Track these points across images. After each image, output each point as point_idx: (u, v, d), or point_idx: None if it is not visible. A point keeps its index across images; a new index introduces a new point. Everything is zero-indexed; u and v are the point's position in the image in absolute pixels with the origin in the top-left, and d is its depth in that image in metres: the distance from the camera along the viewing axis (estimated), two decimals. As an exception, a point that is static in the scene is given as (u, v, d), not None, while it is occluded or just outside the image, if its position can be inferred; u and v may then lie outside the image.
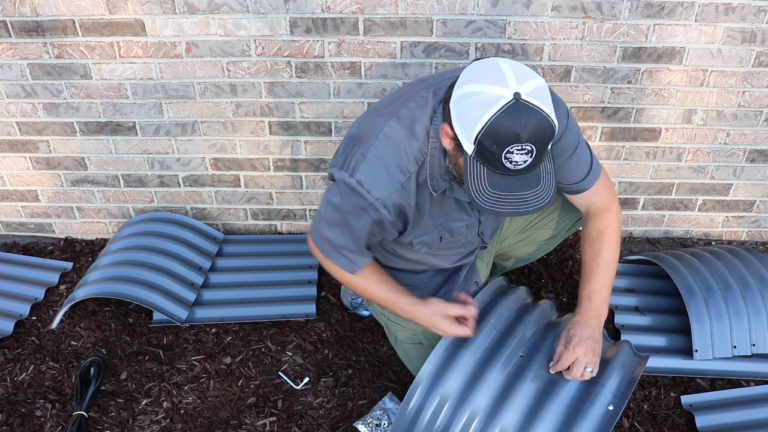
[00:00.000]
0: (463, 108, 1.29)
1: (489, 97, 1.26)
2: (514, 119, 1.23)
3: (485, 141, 1.26)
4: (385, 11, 2.08)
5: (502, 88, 1.25)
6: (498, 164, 1.29)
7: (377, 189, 1.48)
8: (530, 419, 1.56)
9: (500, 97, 1.25)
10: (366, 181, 1.48)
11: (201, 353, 2.16)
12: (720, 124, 2.33)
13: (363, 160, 1.48)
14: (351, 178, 1.48)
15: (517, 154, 1.27)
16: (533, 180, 1.33)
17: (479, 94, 1.27)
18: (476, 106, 1.26)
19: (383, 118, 1.51)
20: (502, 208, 1.33)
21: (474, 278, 1.94)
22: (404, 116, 1.49)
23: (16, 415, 1.97)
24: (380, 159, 1.47)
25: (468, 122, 1.28)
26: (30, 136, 2.40)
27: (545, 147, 1.30)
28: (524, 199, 1.33)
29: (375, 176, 1.47)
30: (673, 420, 1.96)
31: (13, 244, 2.64)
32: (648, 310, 2.25)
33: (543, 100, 1.27)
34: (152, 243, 2.41)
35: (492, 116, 1.24)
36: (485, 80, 1.28)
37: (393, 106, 1.53)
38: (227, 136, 2.39)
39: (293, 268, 2.47)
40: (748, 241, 2.65)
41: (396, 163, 1.47)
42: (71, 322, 2.27)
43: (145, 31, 2.14)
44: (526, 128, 1.24)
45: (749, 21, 2.08)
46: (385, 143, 1.48)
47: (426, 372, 1.67)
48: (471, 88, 1.29)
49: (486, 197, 1.33)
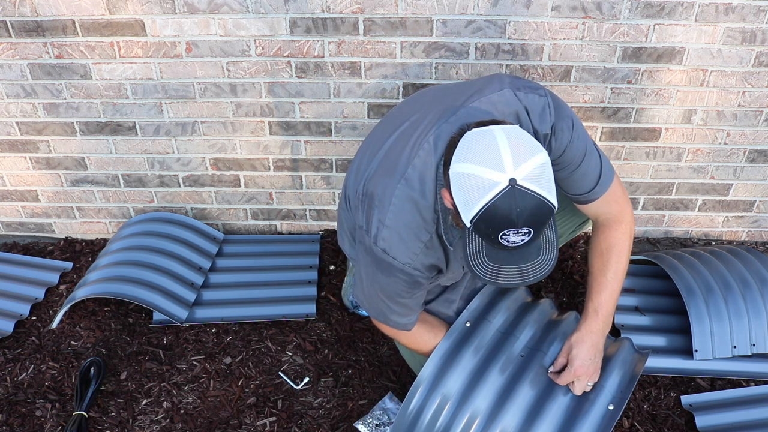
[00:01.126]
0: (460, 188, 1.28)
1: (483, 182, 1.23)
2: (509, 206, 1.22)
3: (481, 224, 1.25)
4: (385, 11, 2.08)
5: (498, 173, 1.23)
6: (495, 242, 1.28)
7: (402, 256, 1.48)
8: (531, 419, 1.56)
9: (496, 183, 1.22)
10: (390, 250, 1.47)
11: (201, 353, 2.16)
12: (720, 124, 2.33)
13: (383, 228, 1.47)
14: (377, 247, 1.48)
15: (513, 236, 1.25)
16: (532, 253, 1.32)
17: (475, 178, 1.25)
18: (472, 190, 1.25)
19: (392, 180, 1.48)
20: (500, 281, 1.33)
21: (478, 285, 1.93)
22: (411, 177, 1.46)
23: (16, 415, 1.97)
24: (397, 228, 1.46)
25: (465, 203, 1.27)
26: (30, 136, 2.40)
27: (543, 226, 1.28)
28: (523, 271, 1.32)
29: (397, 244, 1.47)
30: (673, 420, 1.96)
31: (13, 244, 2.64)
32: (648, 310, 2.25)
33: (540, 182, 1.24)
34: (152, 243, 2.41)
35: (487, 203, 1.23)
36: (481, 162, 1.25)
37: (399, 161, 1.49)
38: (227, 136, 2.39)
39: (293, 268, 2.47)
40: (748, 241, 2.65)
41: (414, 230, 1.47)
42: (71, 322, 2.27)
43: (145, 31, 2.14)
44: (522, 215, 1.22)
45: (749, 21, 2.08)
46: (399, 209, 1.46)
47: (427, 372, 1.67)
48: (468, 168, 1.27)
49: (484, 269, 1.33)
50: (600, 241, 1.69)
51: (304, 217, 2.62)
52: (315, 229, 2.66)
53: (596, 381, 1.61)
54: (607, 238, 1.67)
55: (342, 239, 1.89)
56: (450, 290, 1.88)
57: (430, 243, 1.49)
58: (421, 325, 1.72)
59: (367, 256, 1.53)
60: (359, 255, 1.59)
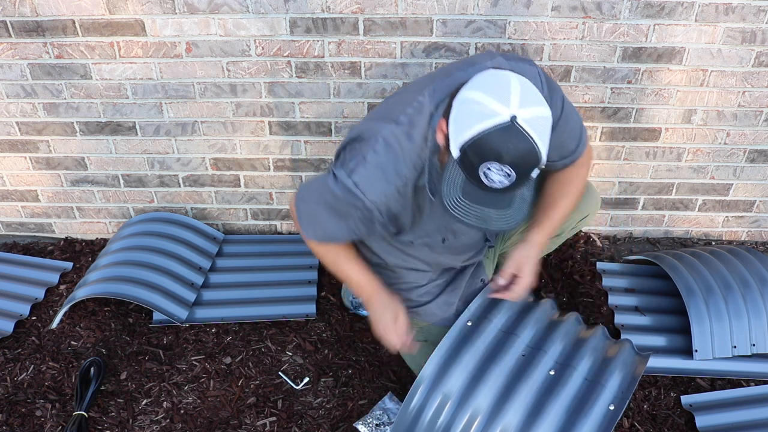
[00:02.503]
0: (462, 112, 1.31)
1: (486, 111, 1.27)
2: (501, 140, 1.25)
3: (469, 151, 1.28)
4: (385, 11, 2.09)
5: (503, 107, 1.26)
6: (475, 176, 1.31)
7: (373, 192, 1.50)
8: (532, 419, 1.56)
9: (497, 114, 1.26)
10: (362, 184, 1.50)
11: (201, 353, 2.16)
12: (720, 124, 2.33)
13: (363, 163, 1.50)
14: (348, 179, 1.50)
15: (496, 173, 1.28)
16: (505, 201, 1.35)
17: (479, 105, 1.28)
18: (472, 115, 1.28)
19: (382, 123, 1.52)
20: (465, 218, 1.36)
21: (480, 276, 1.94)
22: (402, 122, 1.50)
23: (16, 415, 1.97)
24: (378, 164, 1.49)
25: (461, 127, 1.30)
26: (30, 136, 2.40)
27: (526, 176, 1.30)
28: (489, 217, 1.35)
29: (373, 180, 1.49)
30: (673, 420, 1.96)
31: (13, 244, 2.64)
32: (648, 310, 2.26)
33: (538, 130, 1.28)
34: (152, 243, 2.41)
35: (483, 131, 1.26)
36: (490, 92, 1.28)
37: (392, 111, 1.55)
38: (227, 136, 2.39)
39: (293, 268, 2.47)
40: (748, 241, 2.66)
41: (394, 169, 1.49)
42: (71, 322, 2.27)
43: (145, 31, 2.14)
44: (511, 152, 1.25)
45: (749, 21, 2.08)
46: (384, 148, 1.49)
47: (428, 371, 1.67)
48: (475, 95, 1.30)
49: (454, 202, 1.35)
50: (565, 172, 1.76)
51: (304, 217, 2.62)
52: (315, 229, 2.66)
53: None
54: (571, 171, 1.76)
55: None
56: (449, 293, 1.89)
57: (404, 189, 1.52)
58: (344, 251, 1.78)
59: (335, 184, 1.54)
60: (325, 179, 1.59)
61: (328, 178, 1.60)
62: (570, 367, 1.64)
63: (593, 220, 2.17)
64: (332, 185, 1.56)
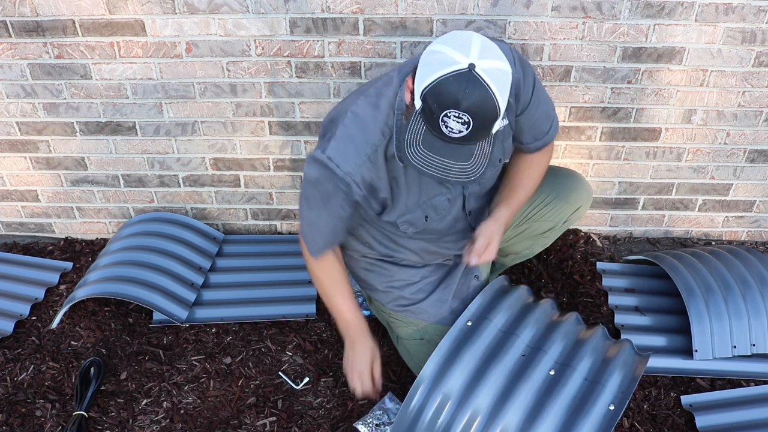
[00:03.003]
0: (425, 64, 1.35)
1: (447, 59, 1.31)
2: (459, 86, 1.29)
3: (429, 98, 1.32)
4: (385, 11, 2.09)
5: (462, 56, 1.31)
6: (435, 125, 1.34)
7: (345, 164, 1.54)
8: (532, 419, 1.56)
9: (456, 62, 1.30)
10: (335, 157, 1.54)
11: (201, 353, 2.16)
12: (720, 124, 2.33)
13: (334, 137, 1.55)
14: (323, 155, 1.55)
15: (454, 121, 1.31)
16: (464, 153, 1.37)
17: (441, 54, 1.32)
18: (433, 64, 1.32)
19: (352, 99, 1.60)
20: (425, 168, 1.39)
21: (474, 272, 1.94)
22: (370, 93, 1.57)
23: (16, 415, 1.97)
24: (347, 135, 1.54)
25: (423, 76, 1.34)
26: (30, 136, 2.40)
27: (484, 125, 1.33)
28: (449, 168, 1.38)
29: (343, 151, 1.54)
30: (673, 420, 1.96)
31: (13, 244, 2.64)
32: (648, 310, 2.26)
33: (497, 81, 1.31)
34: (152, 243, 2.41)
35: (441, 76, 1.30)
36: (452, 45, 1.33)
37: (362, 88, 1.62)
38: (227, 136, 2.39)
39: (293, 268, 2.47)
40: (748, 241, 2.66)
41: (362, 138, 1.54)
42: (71, 322, 2.27)
43: (145, 31, 2.14)
44: (468, 98, 1.29)
45: (749, 21, 2.08)
46: (352, 120, 1.55)
47: (428, 371, 1.67)
48: (438, 47, 1.35)
49: (415, 152, 1.39)
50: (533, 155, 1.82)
51: (304, 217, 2.62)
52: (315, 229, 2.66)
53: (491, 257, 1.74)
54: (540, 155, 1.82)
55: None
56: (442, 290, 1.89)
57: (374, 157, 1.56)
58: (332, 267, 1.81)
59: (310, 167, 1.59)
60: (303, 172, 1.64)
61: (305, 169, 1.64)
62: (570, 367, 1.64)
63: (586, 212, 2.17)
64: (310, 172, 1.60)
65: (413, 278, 1.87)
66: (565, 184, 1.98)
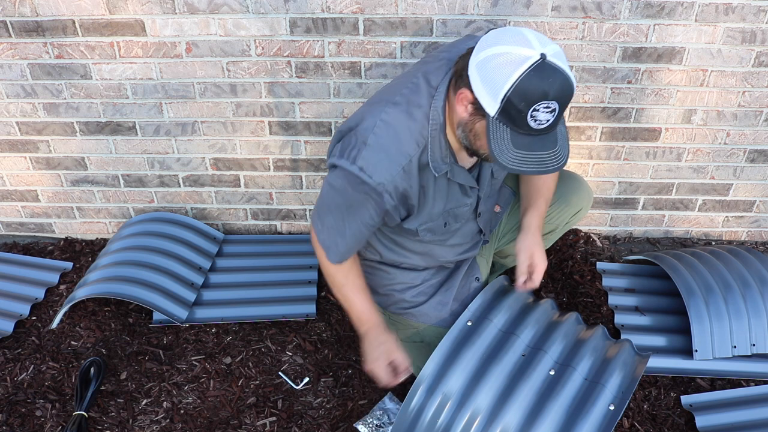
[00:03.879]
0: (490, 69, 1.34)
1: (516, 57, 1.31)
2: (542, 78, 1.29)
3: (514, 99, 1.31)
4: (385, 11, 2.09)
5: (529, 49, 1.31)
6: (522, 123, 1.34)
7: (379, 174, 1.50)
8: (532, 419, 1.56)
9: (527, 57, 1.30)
10: (368, 167, 1.50)
11: (201, 353, 2.16)
12: (720, 124, 2.33)
13: (364, 147, 1.51)
14: (353, 166, 1.51)
15: (543, 113, 1.33)
16: (552, 141, 1.39)
17: (506, 55, 1.32)
18: (504, 66, 1.31)
19: (379, 107, 1.55)
20: (524, 167, 1.39)
21: (475, 274, 1.94)
22: (400, 102, 1.53)
23: (16, 415, 1.97)
24: (380, 145, 1.50)
25: (496, 82, 1.33)
26: (30, 136, 2.40)
27: (564, 108, 1.35)
28: (544, 159, 1.39)
29: (376, 162, 1.50)
30: (673, 420, 1.96)
31: (13, 244, 2.64)
32: (648, 310, 2.26)
33: (564, 61, 1.33)
34: (152, 243, 2.41)
35: (521, 74, 1.30)
36: (510, 42, 1.33)
37: (385, 96, 1.57)
38: (227, 136, 2.39)
39: (293, 268, 2.47)
40: (748, 241, 2.66)
41: (396, 148, 1.51)
42: (71, 322, 2.27)
43: (145, 31, 2.14)
44: (553, 87, 1.30)
45: (749, 21, 2.08)
46: (384, 129, 1.51)
47: (428, 371, 1.67)
48: (496, 50, 1.33)
49: (509, 156, 1.38)
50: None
51: (304, 217, 2.62)
52: (315, 229, 2.66)
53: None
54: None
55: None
56: (443, 293, 1.89)
57: (408, 167, 1.53)
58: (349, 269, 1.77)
59: (338, 176, 1.55)
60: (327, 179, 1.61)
61: (329, 177, 1.60)
62: (570, 367, 1.64)
63: (586, 214, 2.17)
64: (335, 180, 1.57)
65: (414, 281, 1.87)
66: (566, 186, 1.98)
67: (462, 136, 1.49)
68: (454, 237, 1.82)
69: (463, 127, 1.47)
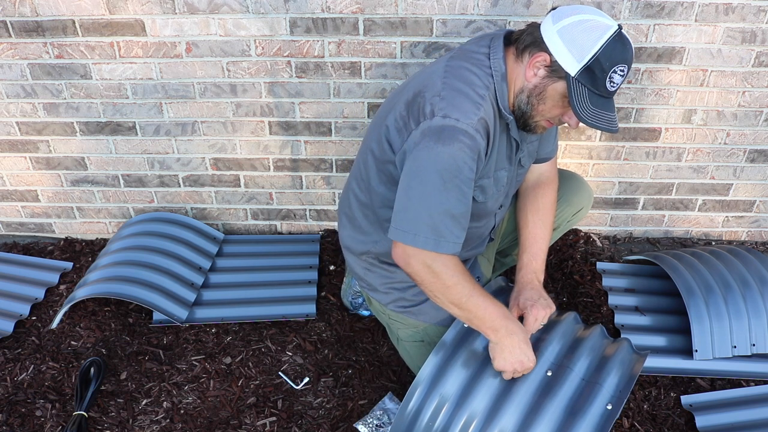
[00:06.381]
0: (577, 33, 1.45)
1: (601, 24, 1.45)
2: (623, 44, 1.45)
3: (602, 59, 1.44)
4: (385, 11, 2.09)
5: (607, 20, 1.46)
6: (601, 84, 1.47)
7: (464, 115, 1.50)
8: (529, 419, 1.56)
9: (610, 25, 1.45)
10: (452, 112, 1.50)
11: (201, 353, 2.16)
12: (720, 124, 2.33)
13: (439, 98, 1.52)
14: (436, 117, 1.49)
15: (619, 75, 1.48)
16: (612, 104, 1.54)
17: (591, 22, 1.45)
18: (591, 30, 1.44)
19: (434, 67, 1.60)
20: (599, 123, 1.51)
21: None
22: (456, 56, 1.59)
23: (16, 415, 1.97)
24: (455, 89, 1.53)
25: (583, 44, 1.44)
26: (30, 136, 2.40)
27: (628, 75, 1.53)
28: (611, 120, 1.52)
29: (458, 104, 1.51)
30: (673, 420, 1.96)
31: (13, 244, 2.64)
32: (648, 310, 2.26)
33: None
34: (152, 243, 2.41)
35: (608, 39, 1.44)
36: (591, 13, 1.47)
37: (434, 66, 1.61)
38: (227, 136, 2.39)
39: (293, 268, 2.47)
40: (748, 241, 2.65)
41: (471, 89, 1.53)
42: (71, 322, 2.27)
43: (145, 31, 2.14)
44: (628, 54, 1.47)
45: (749, 21, 2.08)
46: (453, 77, 1.55)
47: (426, 373, 1.67)
48: (579, 17, 1.46)
49: (588, 112, 1.50)
50: (539, 200, 1.85)
51: (304, 217, 2.62)
52: (315, 229, 2.66)
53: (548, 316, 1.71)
54: (545, 196, 1.86)
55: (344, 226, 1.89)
56: None
57: (486, 106, 1.54)
58: (469, 276, 1.61)
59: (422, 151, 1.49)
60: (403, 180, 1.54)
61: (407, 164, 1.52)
62: (567, 367, 1.63)
63: (587, 213, 2.16)
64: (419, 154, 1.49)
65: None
66: (566, 186, 1.98)
67: (523, 100, 1.56)
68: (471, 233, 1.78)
69: (528, 91, 1.54)
